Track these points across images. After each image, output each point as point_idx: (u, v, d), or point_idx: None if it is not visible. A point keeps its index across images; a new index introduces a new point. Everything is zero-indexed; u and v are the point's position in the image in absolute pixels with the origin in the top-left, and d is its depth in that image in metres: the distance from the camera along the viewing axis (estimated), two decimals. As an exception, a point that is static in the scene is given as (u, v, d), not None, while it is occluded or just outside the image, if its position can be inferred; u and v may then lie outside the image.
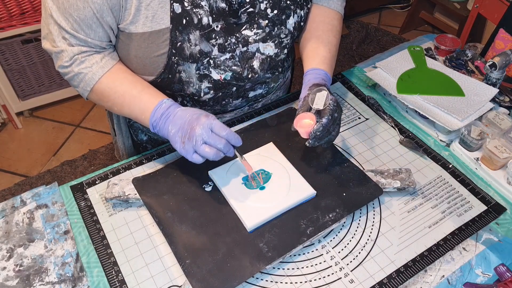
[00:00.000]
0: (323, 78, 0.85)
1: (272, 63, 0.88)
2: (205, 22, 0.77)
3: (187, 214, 0.77)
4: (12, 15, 1.84)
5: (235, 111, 0.97)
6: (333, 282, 0.71)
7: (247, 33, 0.82)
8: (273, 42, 0.85)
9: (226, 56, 0.82)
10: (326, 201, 0.78)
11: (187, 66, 0.80)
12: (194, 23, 0.76)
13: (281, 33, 0.85)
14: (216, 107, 0.92)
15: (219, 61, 0.82)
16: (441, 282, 0.72)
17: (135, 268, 0.73)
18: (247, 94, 0.93)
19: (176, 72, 0.81)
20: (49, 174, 1.89)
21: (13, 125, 2.11)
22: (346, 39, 2.64)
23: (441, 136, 0.94)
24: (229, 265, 0.70)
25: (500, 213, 0.81)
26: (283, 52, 0.88)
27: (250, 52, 0.84)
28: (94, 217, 0.79)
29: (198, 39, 0.78)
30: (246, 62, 0.84)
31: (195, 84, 0.83)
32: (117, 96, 0.80)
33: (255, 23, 0.82)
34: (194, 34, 0.77)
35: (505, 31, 1.16)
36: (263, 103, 1.02)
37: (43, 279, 0.72)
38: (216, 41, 0.79)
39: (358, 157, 0.90)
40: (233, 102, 0.93)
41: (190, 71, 0.81)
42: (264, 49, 0.85)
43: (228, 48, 0.81)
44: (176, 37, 0.76)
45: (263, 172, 0.81)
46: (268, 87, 0.96)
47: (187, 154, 0.74)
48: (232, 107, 0.95)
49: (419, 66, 1.04)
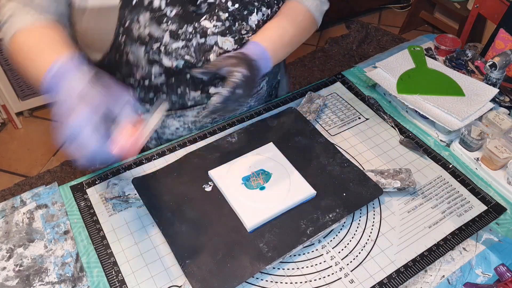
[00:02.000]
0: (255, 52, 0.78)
1: None
2: (156, 5, 0.74)
3: (187, 214, 0.77)
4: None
5: (197, 109, 0.91)
6: (333, 282, 0.71)
7: (206, 24, 0.79)
8: (233, 37, 0.81)
9: (179, 45, 0.78)
10: (326, 201, 0.78)
11: (135, 48, 0.77)
12: (144, 4, 0.73)
13: (242, 29, 0.81)
14: (173, 96, 0.87)
15: (171, 49, 0.78)
16: (441, 282, 0.72)
17: (135, 268, 0.73)
18: (206, 89, 0.87)
19: (124, 53, 0.78)
20: (49, 174, 1.89)
21: (13, 125, 2.11)
22: (346, 39, 2.64)
23: (441, 136, 0.94)
24: (229, 265, 0.70)
25: (500, 213, 0.81)
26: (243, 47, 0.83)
27: (208, 45, 0.80)
28: (94, 217, 0.79)
29: (147, 22, 0.75)
30: (203, 54, 0.81)
31: (145, 67, 0.80)
32: (26, 50, 0.71)
33: (215, 14, 0.79)
34: (144, 16, 0.74)
35: (505, 31, 1.16)
36: None
37: (43, 279, 0.72)
38: (168, 26, 0.76)
39: (358, 157, 0.90)
40: (190, 94, 0.87)
41: (139, 54, 0.78)
42: (223, 43, 0.81)
43: (181, 36, 0.78)
44: (124, 16, 0.73)
45: (263, 172, 0.81)
46: None
47: None
48: (191, 100, 0.88)
49: (419, 66, 1.04)
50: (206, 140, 0.93)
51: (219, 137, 0.92)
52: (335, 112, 1.01)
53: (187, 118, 0.92)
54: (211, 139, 0.93)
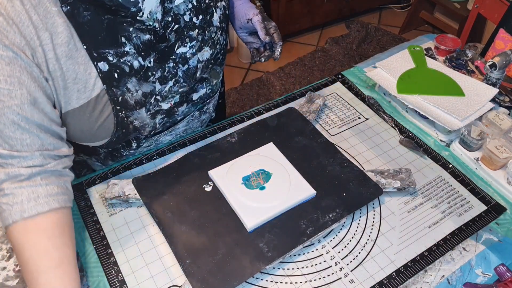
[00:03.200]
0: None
1: (209, 63, 0.85)
2: (137, 65, 0.72)
3: (187, 214, 0.77)
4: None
5: (186, 119, 0.91)
6: (333, 282, 0.71)
7: (182, 50, 0.78)
8: (207, 45, 0.82)
9: (170, 84, 0.79)
10: (326, 201, 0.78)
11: (137, 113, 0.77)
12: (126, 72, 0.71)
13: (211, 33, 0.82)
14: (167, 123, 0.87)
15: (165, 93, 0.79)
16: (441, 282, 0.72)
17: (135, 268, 0.73)
18: (190, 98, 0.87)
19: (129, 124, 0.77)
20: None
21: (13, 125, 2.10)
22: (346, 39, 2.64)
23: (441, 136, 0.94)
24: (229, 265, 0.70)
25: (500, 213, 0.81)
26: (217, 48, 0.85)
27: (192, 68, 0.81)
28: (94, 217, 0.79)
29: (136, 85, 0.73)
30: (191, 78, 0.82)
31: (149, 124, 0.81)
32: (20, 258, 0.63)
33: (186, 37, 0.77)
34: (131, 82, 0.72)
35: (505, 31, 1.16)
36: (213, 104, 0.97)
37: (43, 279, 0.72)
38: (154, 77, 0.75)
39: (358, 157, 0.90)
40: (179, 110, 0.86)
41: (141, 116, 0.78)
42: (202, 56, 0.82)
43: (168, 76, 0.78)
44: (114, 94, 0.71)
45: (263, 172, 0.81)
46: (211, 85, 0.90)
47: None
48: (181, 115, 0.88)
49: (419, 66, 1.04)
50: (206, 140, 0.93)
51: (219, 137, 0.92)
52: (335, 112, 1.01)
53: (178, 130, 0.93)
54: (211, 139, 0.93)
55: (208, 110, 0.96)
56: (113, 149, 0.88)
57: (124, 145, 0.87)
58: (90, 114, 0.72)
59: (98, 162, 0.93)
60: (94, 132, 0.75)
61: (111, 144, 0.80)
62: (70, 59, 0.65)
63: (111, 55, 0.69)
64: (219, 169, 0.82)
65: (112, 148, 0.87)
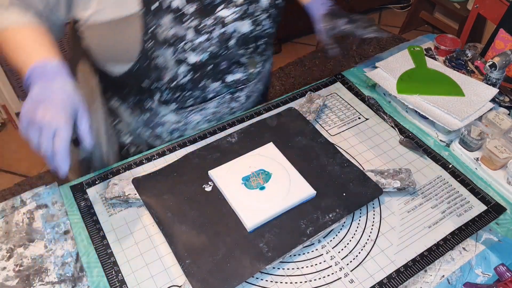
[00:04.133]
0: (322, 3, 0.95)
1: (246, 39, 0.86)
2: (176, 5, 0.75)
3: (187, 214, 0.77)
4: (12, 15, 1.84)
5: (217, 100, 0.93)
6: (333, 282, 0.71)
7: (224, 14, 0.80)
8: (250, 19, 0.83)
9: (202, 38, 0.80)
10: (326, 201, 0.78)
11: (163, 51, 0.79)
12: (165, 7, 0.74)
13: (256, 10, 0.84)
14: (195, 92, 0.90)
15: (195, 44, 0.80)
16: (441, 282, 0.72)
17: (135, 268, 0.73)
18: (224, 78, 0.90)
19: (152, 59, 0.79)
20: (49, 174, 1.89)
21: (13, 125, 2.11)
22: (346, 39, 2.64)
23: (441, 136, 0.94)
24: (229, 265, 0.70)
25: (500, 213, 0.81)
26: (257, 29, 0.86)
27: (228, 33, 0.82)
28: (94, 217, 0.79)
29: (171, 23, 0.76)
30: (224, 43, 0.83)
31: (172, 69, 0.82)
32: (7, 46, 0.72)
33: (231, 2, 0.80)
34: (166, 18, 0.75)
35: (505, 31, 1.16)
36: (246, 94, 0.98)
37: (43, 279, 0.72)
38: (190, 23, 0.77)
39: (358, 157, 0.90)
40: (211, 86, 0.89)
41: (166, 56, 0.79)
42: (241, 27, 0.83)
43: (203, 30, 0.79)
44: (147, 22, 0.74)
45: (263, 172, 0.81)
46: (247, 71, 0.92)
47: None
48: (212, 92, 0.91)
49: (419, 66, 1.04)
50: (206, 140, 0.93)
51: (219, 137, 0.92)
52: (335, 112, 1.01)
53: (208, 111, 0.94)
54: (211, 139, 0.93)
55: (240, 99, 0.98)
56: (139, 98, 0.90)
57: (147, 96, 0.89)
58: (119, 33, 0.75)
59: (128, 109, 0.94)
60: (118, 51, 0.78)
61: (133, 75, 0.82)
62: None
63: None
64: (219, 169, 0.82)
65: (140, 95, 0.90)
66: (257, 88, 1.02)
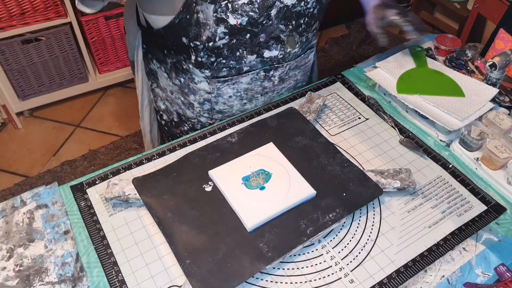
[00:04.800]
0: None
1: (287, 13, 0.87)
2: None
3: (187, 214, 0.77)
4: (12, 15, 1.84)
5: (251, 75, 0.95)
6: (333, 282, 0.71)
7: None
8: None
9: (245, 1, 0.81)
10: (326, 201, 0.78)
11: (205, 6, 0.80)
12: None
13: None
14: (231, 60, 0.91)
15: (237, 5, 0.81)
16: (441, 282, 0.72)
17: (135, 268, 0.73)
18: (262, 52, 0.91)
19: (194, 12, 0.81)
20: (49, 174, 1.89)
21: (13, 125, 2.11)
22: (346, 39, 2.64)
23: (441, 136, 0.94)
24: (229, 265, 0.70)
25: (500, 213, 0.81)
26: (300, 4, 0.87)
27: (271, 1, 0.83)
28: (94, 217, 0.79)
29: None
30: (265, 10, 0.84)
31: (212, 27, 0.83)
32: None
33: None
34: None
35: (505, 31, 1.16)
36: (280, 76, 0.99)
37: (43, 279, 0.72)
38: None
39: (358, 157, 0.90)
40: (247, 57, 0.91)
41: (208, 12, 0.81)
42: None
43: None
44: None
45: (263, 172, 0.81)
46: (284, 50, 0.94)
47: None
48: (247, 65, 0.93)
49: (419, 66, 1.04)
50: (206, 140, 0.93)
51: (219, 137, 0.92)
52: (335, 112, 1.01)
53: (240, 85, 0.96)
54: (211, 139, 0.93)
55: (273, 79, 0.98)
56: (177, 60, 0.93)
57: (185, 57, 0.91)
58: None
59: (165, 72, 0.99)
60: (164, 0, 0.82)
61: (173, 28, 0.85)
62: None
63: None
64: (219, 169, 0.82)
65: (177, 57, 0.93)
66: (294, 75, 1.03)
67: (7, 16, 1.83)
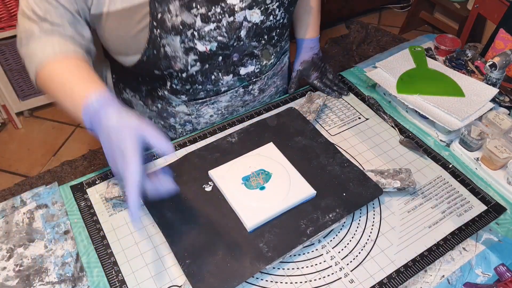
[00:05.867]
0: (311, 47, 1.04)
1: (258, 30, 0.85)
2: None
3: (187, 214, 0.77)
4: (12, 15, 1.84)
5: (230, 93, 0.94)
6: (333, 282, 0.71)
7: (232, 2, 0.79)
8: (259, 8, 0.82)
9: (211, 27, 0.79)
10: (326, 201, 0.78)
11: (171, 39, 0.78)
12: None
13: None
14: (208, 85, 0.89)
15: (204, 32, 0.79)
16: (441, 282, 0.72)
17: (135, 268, 0.73)
18: (237, 70, 0.90)
19: (161, 47, 0.79)
20: (49, 174, 1.89)
21: (13, 125, 2.11)
22: (346, 39, 2.64)
23: (441, 136, 0.94)
24: (229, 265, 0.70)
25: (500, 213, 0.81)
26: (269, 19, 0.85)
27: (237, 22, 0.81)
28: (94, 217, 0.79)
29: (178, 9, 0.75)
30: (234, 32, 0.82)
31: (182, 58, 0.81)
32: (53, 85, 0.73)
33: None
34: (174, 4, 0.75)
35: (505, 31, 1.16)
36: (259, 87, 0.98)
37: (43, 279, 0.72)
38: (198, 10, 0.77)
39: (358, 157, 0.90)
40: (223, 79, 0.89)
41: (175, 44, 0.79)
42: (251, 16, 0.82)
43: (212, 18, 0.79)
44: (155, 9, 0.74)
45: (263, 172, 0.81)
46: (260, 63, 0.92)
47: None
48: (225, 86, 0.91)
49: (419, 66, 1.04)
50: (206, 140, 0.93)
51: (219, 137, 0.92)
52: (335, 112, 1.01)
53: (220, 104, 0.95)
54: (211, 139, 0.93)
55: (253, 92, 0.98)
56: (152, 87, 0.91)
57: (161, 84, 0.89)
58: (128, 21, 0.76)
59: (140, 100, 0.97)
60: (127, 41, 0.79)
61: (143, 65, 0.83)
62: None
63: None
64: (219, 169, 0.82)
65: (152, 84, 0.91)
66: (273, 82, 1.02)
67: (7, 16, 1.84)
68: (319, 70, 1.05)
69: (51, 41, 0.73)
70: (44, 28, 0.73)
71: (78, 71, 0.72)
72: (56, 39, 0.74)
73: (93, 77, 0.71)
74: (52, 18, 0.73)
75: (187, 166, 0.85)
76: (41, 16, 0.73)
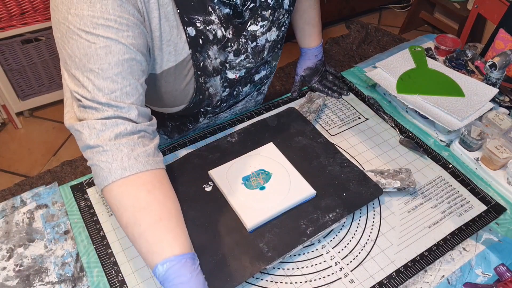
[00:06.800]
0: (316, 54, 1.05)
1: (275, 44, 0.88)
2: (220, 34, 0.76)
3: (187, 214, 0.76)
4: (12, 15, 1.84)
5: (246, 99, 0.98)
6: (333, 282, 0.71)
7: (253, 28, 0.81)
8: (275, 26, 0.85)
9: (241, 58, 0.82)
10: (326, 201, 0.78)
11: (213, 80, 0.81)
12: (210, 40, 0.75)
13: (280, 15, 0.85)
14: (231, 101, 0.93)
15: (235, 64, 0.82)
16: (441, 282, 0.72)
17: (135, 268, 0.73)
18: (253, 79, 0.93)
19: (205, 90, 0.81)
20: (49, 174, 1.89)
21: (13, 125, 2.11)
22: (346, 39, 2.64)
23: (441, 136, 0.94)
24: (229, 265, 0.70)
25: (500, 213, 0.81)
26: (281, 30, 0.88)
27: (260, 45, 0.84)
28: (94, 217, 0.79)
29: (216, 53, 0.77)
30: (258, 55, 0.85)
31: (219, 92, 0.84)
32: (122, 216, 0.63)
33: (259, 16, 0.81)
34: (212, 49, 0.76)
35: (505, 31, 1.16)
36: (268, 85, 1.03)
37: (43, 279, 0.72)
38: (232, 48, 0.79)
39: (358, 157, 0.90)
40: (243, 90, 0.93)
41: (216, 83, 0.82)
42: (270, 36, 0.85)
43: (242, 50, 0.81)
44: (197, 59, 0.75)
45: (263, 172, 0.81)
46: (271, 66, 0.95)
47: None
48: (243, 95, 0.95)
49: (419, 66, 1.04)
50: (206, 140, 0.93)
51: (219, 137, 0.92)
52: (335, 112, 1.01)
53: (236, 108, 0.98)
54: (211, 139, 0.93)
55: (264, 91, 1.02)
56: (181, 122, 0.93)
57: (191, 120, 0.91)
58: (176, 77, 0.76)
59: (164, 135, 0.98)
60: (176, 95, 0.79)
61: (186, 111, 0.84)
62: (167, 21, 0.69)
63: (199, 22, 0.72)
64: (219, 169, 0.82)
65: (182, 120, 0.92)
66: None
67: (7, 16, 1.83)
68: (319, 74, 1.07)
69: (119, 155, 0.62)
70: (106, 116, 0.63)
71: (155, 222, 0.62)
72: (125, 152, 0.63)
73: (178, 232, 0.64)
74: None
75: (187, 166, 0.85)
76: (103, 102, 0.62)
